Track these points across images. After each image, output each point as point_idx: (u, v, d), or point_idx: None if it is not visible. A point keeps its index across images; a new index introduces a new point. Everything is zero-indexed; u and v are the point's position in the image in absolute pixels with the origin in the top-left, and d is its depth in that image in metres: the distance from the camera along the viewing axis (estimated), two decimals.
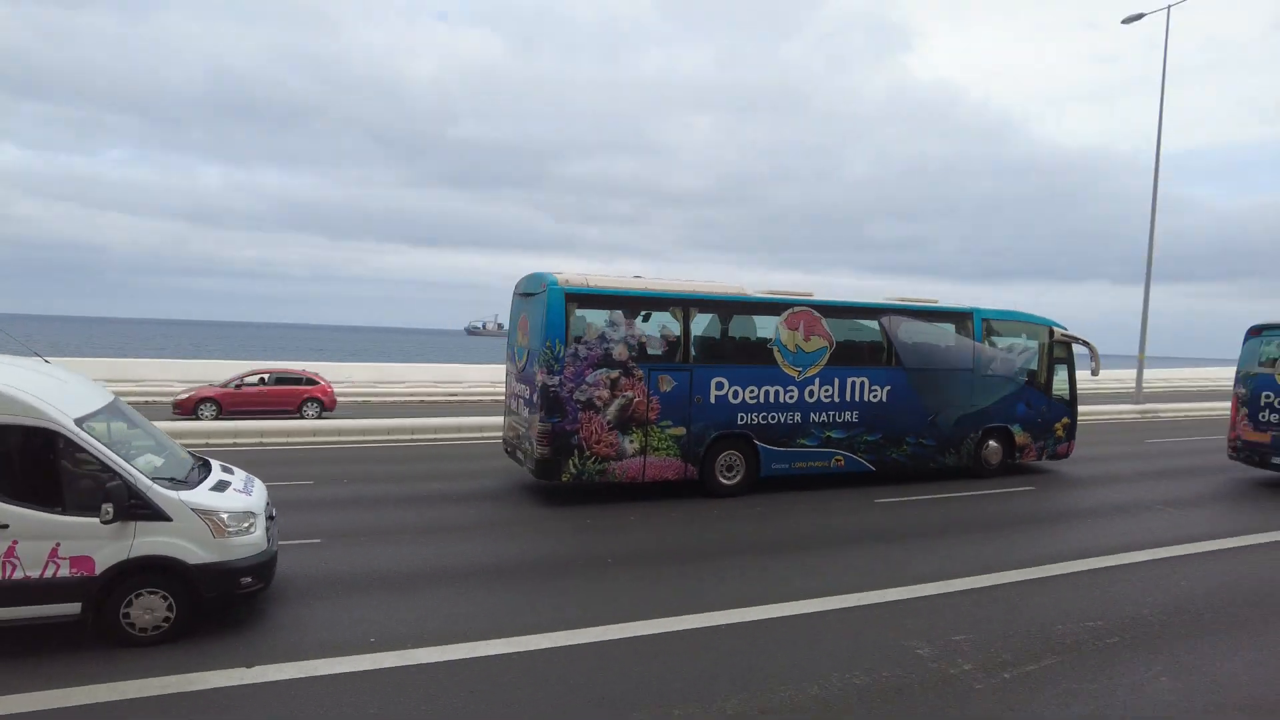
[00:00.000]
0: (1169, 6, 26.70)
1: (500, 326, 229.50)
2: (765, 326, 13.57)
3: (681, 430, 12.80)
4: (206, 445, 16.28)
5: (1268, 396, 15.62)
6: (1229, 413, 16.44)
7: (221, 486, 7.47)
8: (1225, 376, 50.50)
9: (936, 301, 15.65)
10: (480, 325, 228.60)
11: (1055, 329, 16.56)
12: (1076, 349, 17.12)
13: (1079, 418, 17.20)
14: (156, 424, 8.82)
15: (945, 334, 15.19)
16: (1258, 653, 7.31)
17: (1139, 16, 27.50)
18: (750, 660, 6.81)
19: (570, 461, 12.16)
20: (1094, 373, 17.88)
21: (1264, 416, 15.64)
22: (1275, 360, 15.70)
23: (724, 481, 13.22)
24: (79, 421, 6.64)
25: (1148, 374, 33.27)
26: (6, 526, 6.16)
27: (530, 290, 12.84)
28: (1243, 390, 16.19)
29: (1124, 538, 11.21)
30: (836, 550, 10.25)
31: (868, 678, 6.53)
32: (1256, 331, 16.43)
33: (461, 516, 11.62)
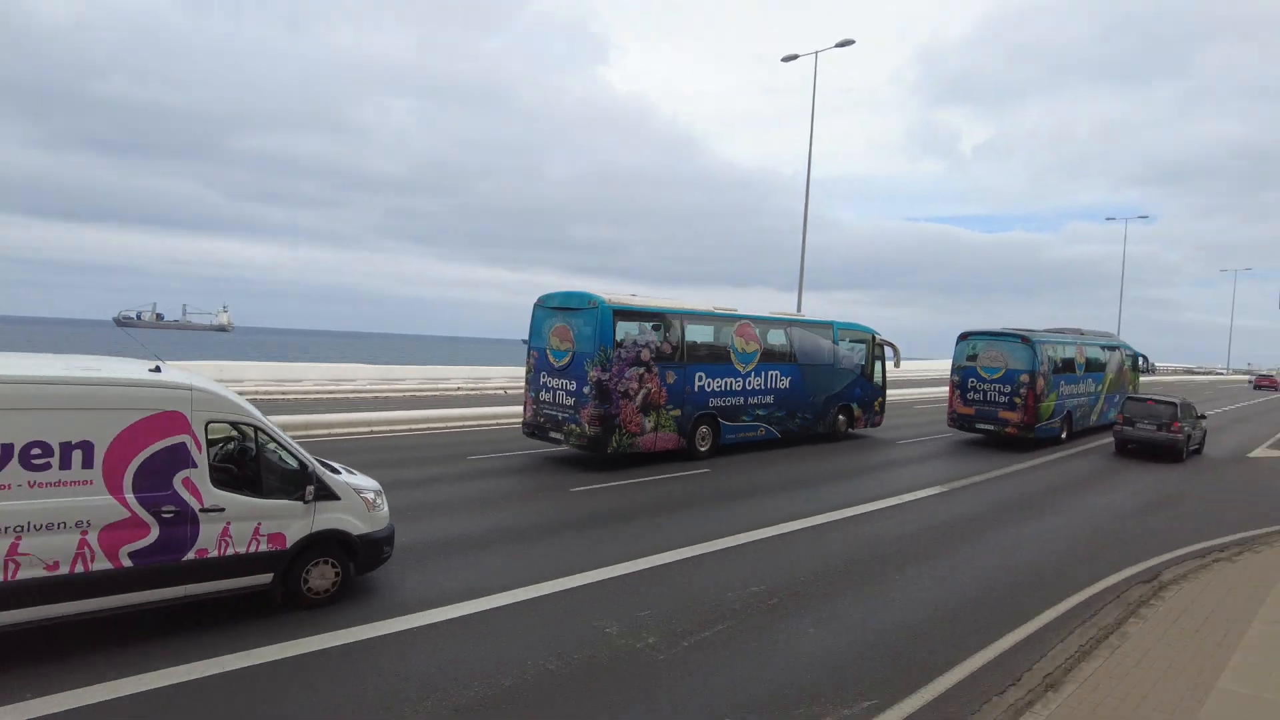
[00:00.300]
0: (816, 52, 30.94)
1: (160, 316, 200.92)
2: (725, 335, 17.90)
3: (679, 412, 16.74)
4: None
5: (972, 382, 22.55)
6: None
7: (350, 471, 8.63)
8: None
9: (803, 315, 21.23)
10: (134, 315, 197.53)
11: (875, 335, 23.04)
12: (887, 349, 23.52)
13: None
14: None
15: (819, 339, 20.79)
16: (877, 599, 8.72)
17: (794, 57, 31.51)
18: (443, 659, 6.64)
19: (613, 438, 15.44)
20: (895, 365, 24.45)
21: (970, 396, 22.57)
22: (975, 356, 22.65)
23: (700, 449, 17.29)
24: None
25: None
26: (223, 510, 6.98)
27: (572, 305, 16.03)
28: (956, 377, 22.99)
29: (783, 511, 12.73)
30: (535, 540, 10.38)
31: (560, 662, 6.69)
32: (964, 336, 23.22)
33: None
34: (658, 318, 16.43)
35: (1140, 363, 30.26)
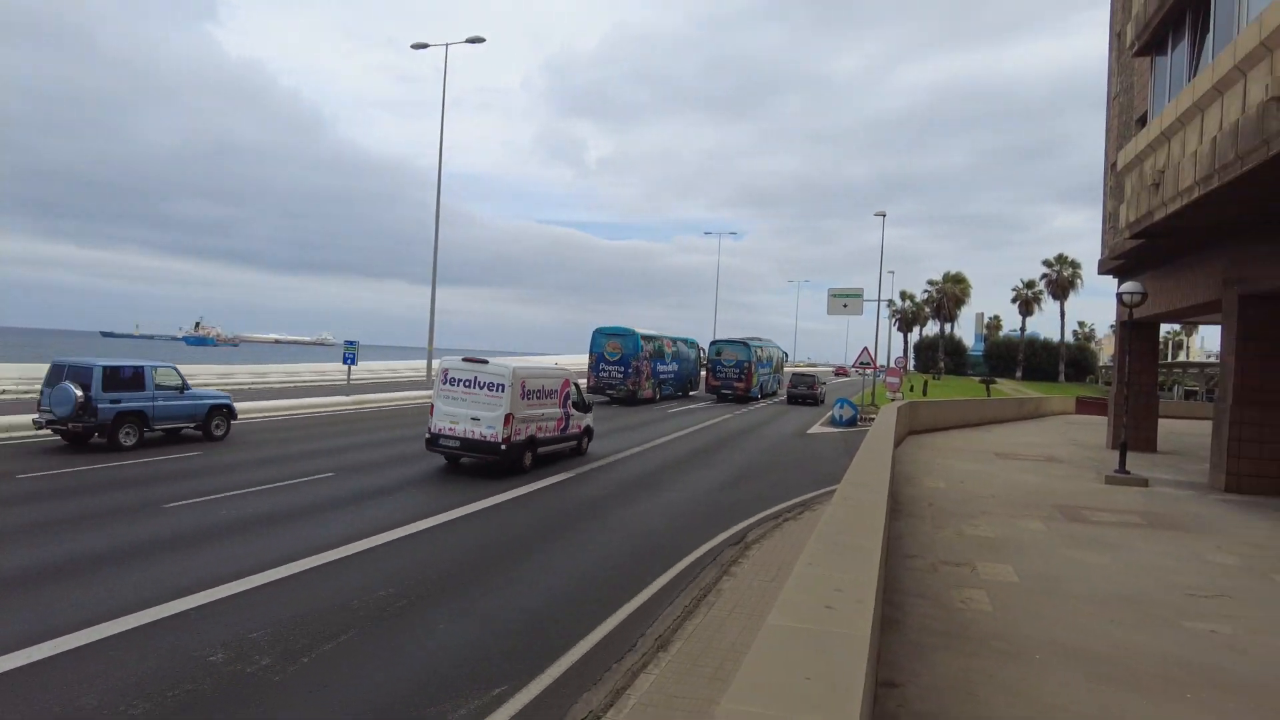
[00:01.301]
0: (447, 45, 30.77)
1: None
2: (662, 345, 39.06)
3: (652, 381, 37.41)
4: None
5: (719, 368, 41.66)
6: None
7: None
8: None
9: (684, 335, 43.77)
10: None
11: (697, 343, 44.90)
12: (701, 352, 44.97)
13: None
14: None
15: (684, 345, 42.59)
16: (509, 587, 8.92)
17: (425, 46, 30.98)
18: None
19: (638, 393, 35.76)
20: (704, 361, 44.28)
21: (719, 375, 41.64)
22: (720, 353, 42.03)
23: (658, 399, 37.94)
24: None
25: (436, 364, 37.83)
26: (573, 415, 18.12)
27: (619, 332, 36.01)
28: (710, 365, 42.18)
29: (416, 509, 12.43)
30: (120, 566, 8.79)
31: (150, 704, 5.75)
32: (713, 342, 42.76)
33: None
34: (651, 338, 37.26)
35: (785, 356, 55.32)
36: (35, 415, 16.38)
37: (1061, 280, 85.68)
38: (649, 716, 5.82)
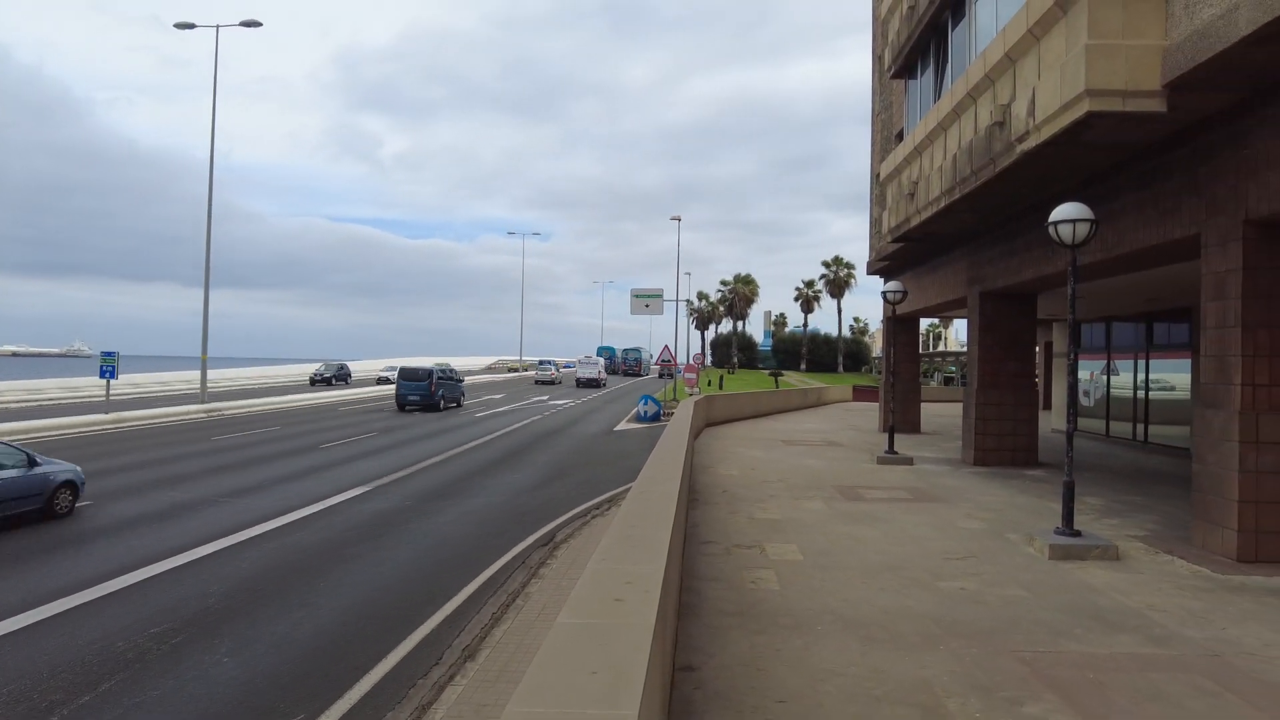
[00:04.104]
0: (218, 26, 28.20)
1: None
2: (619, 352, 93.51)
3: (617, 367, 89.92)
4: None
5: (625, 360, 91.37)
6: (291, 406, 20.27)
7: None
8: (286, 374, 56.82)
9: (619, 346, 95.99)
10: None
11: (623, 349, 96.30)
12: (646, 354, 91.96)
13: None
14: None
15: (623, 352, 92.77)
16: (301, 611, 8.40)
17: (191, 26, 28.23)
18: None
19: (616, 371, 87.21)
20: (656, 360, 60.27)
21: (625, 364, 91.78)
22: (627, 354, 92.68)
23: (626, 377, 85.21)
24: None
25: (213, 374, 34.68)
26: (604, 374, 66.69)
27: (607, 346, 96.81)
28: (621, 359, 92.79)
29: (191, 535, 11.35)
30: None
31: None
32: (624, 350, 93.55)
33: None
34: (620, 349, 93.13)
35: (651, 355, 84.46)
36: None
37: (838, 280, 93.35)
38: None
